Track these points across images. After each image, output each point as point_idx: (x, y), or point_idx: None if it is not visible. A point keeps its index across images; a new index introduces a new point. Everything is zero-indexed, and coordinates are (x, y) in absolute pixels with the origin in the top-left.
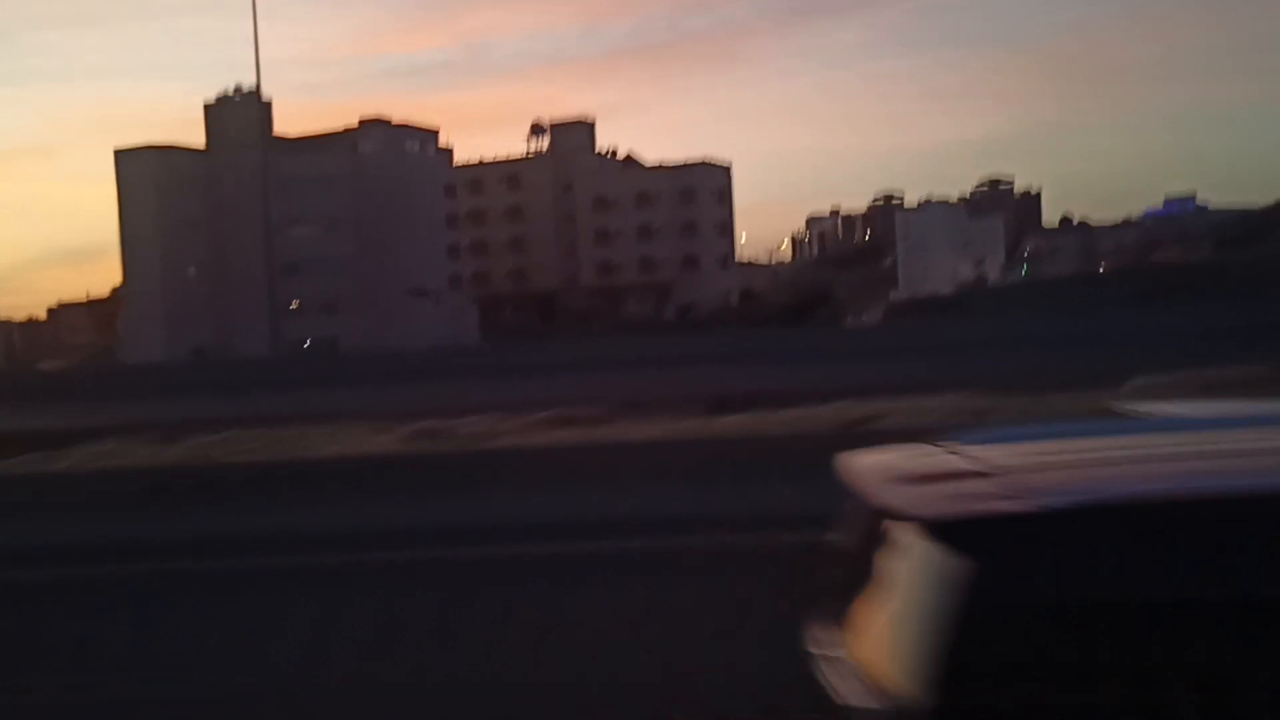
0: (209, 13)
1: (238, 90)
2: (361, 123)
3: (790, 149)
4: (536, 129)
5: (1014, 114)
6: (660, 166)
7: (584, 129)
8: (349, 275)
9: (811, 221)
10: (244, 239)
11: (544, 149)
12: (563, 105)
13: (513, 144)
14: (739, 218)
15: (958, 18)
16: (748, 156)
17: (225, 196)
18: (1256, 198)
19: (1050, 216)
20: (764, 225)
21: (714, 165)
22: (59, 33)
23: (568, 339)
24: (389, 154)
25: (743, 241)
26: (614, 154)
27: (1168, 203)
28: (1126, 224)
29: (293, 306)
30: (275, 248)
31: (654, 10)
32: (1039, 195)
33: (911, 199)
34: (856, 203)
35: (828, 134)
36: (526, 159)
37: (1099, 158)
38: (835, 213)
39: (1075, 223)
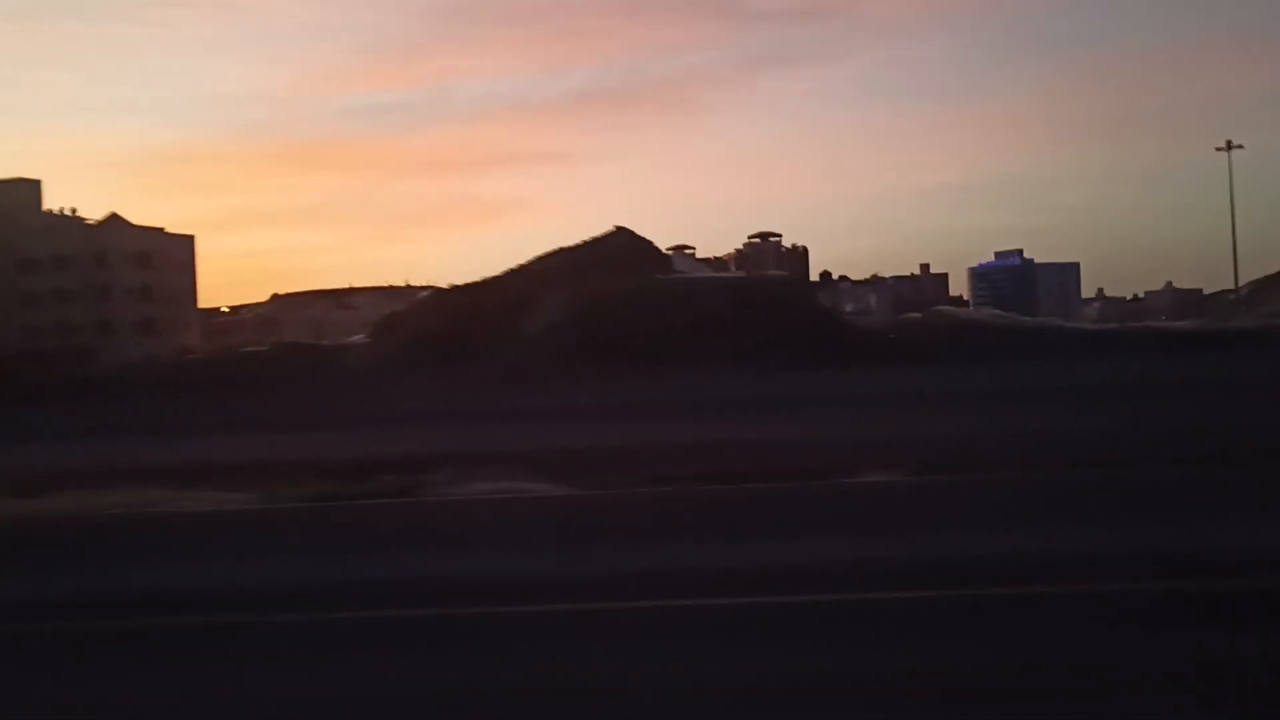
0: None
1: None
2: None
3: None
4: None
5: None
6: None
7: (30, 187)
8: None
9: None
10: None
11: None
12: (523, 147)
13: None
14: None
15: None
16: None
17: None
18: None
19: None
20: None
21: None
22: None
23: None
24: None
25: None
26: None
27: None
28: (875, 280)
29: None
30: None
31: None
32: (805, 250)
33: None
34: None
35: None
36: None
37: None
38: None
39: (835, 278)
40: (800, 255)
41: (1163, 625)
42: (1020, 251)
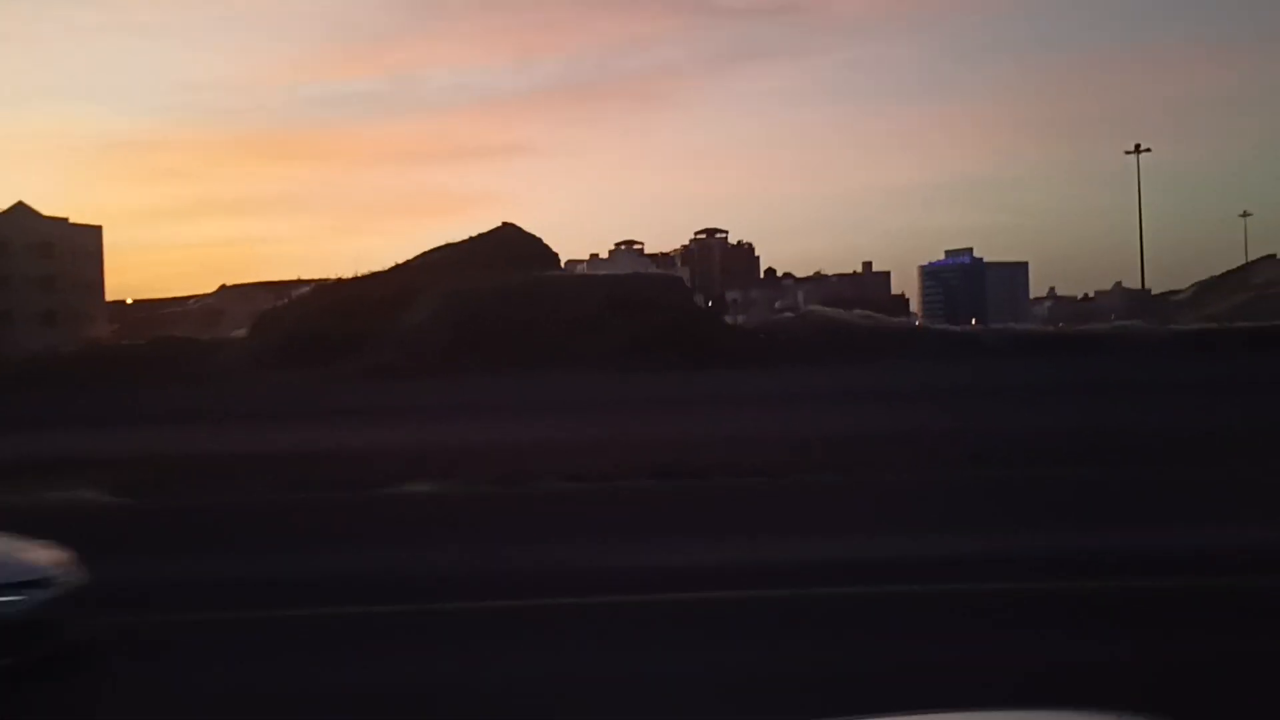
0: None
1: None
2: None
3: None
4: None
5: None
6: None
7: None
8: None
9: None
10: None
11: None
12: (490, 139)
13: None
14: None
15: None
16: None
17: None
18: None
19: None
20: None
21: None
22: None
23: None
24: None
25: None
26: None
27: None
28: (818, 277)
29: None
30: None
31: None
32: (750, 246)
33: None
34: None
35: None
36: None
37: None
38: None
39: (779, 275)
40: (746, 251)
41: (1016, 625)
42: (970, 250)
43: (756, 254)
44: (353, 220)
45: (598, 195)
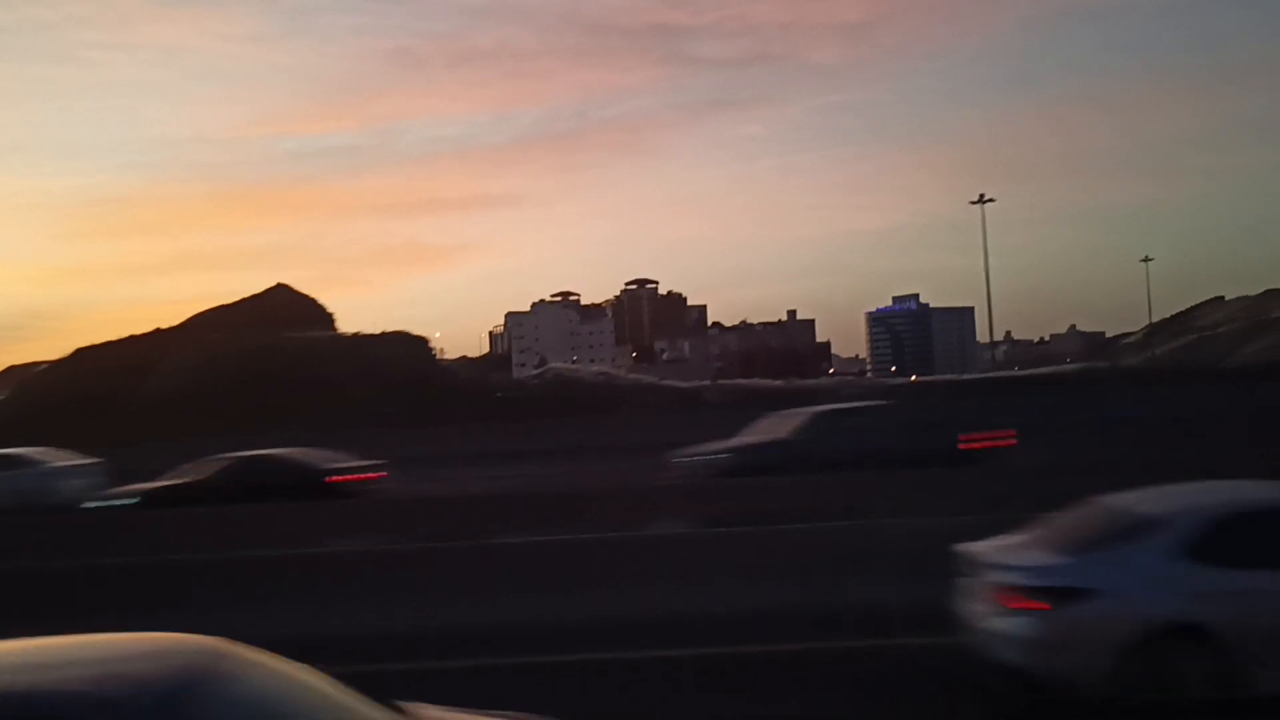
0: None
1: None
2: None
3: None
4: None
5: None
6: None
7: None
8: None
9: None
10: None
11: None
12: (469, 190)
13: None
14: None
15: None
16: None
17: None
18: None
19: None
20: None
21: None
22: None
23: None
24: None
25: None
26: None
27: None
28: (744, 326)
29: None
30: None
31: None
32: (682, 296)
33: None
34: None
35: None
36: None
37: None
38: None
39: (708, 325)
40: (677, 301)
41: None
42: (916, 296)
43: (691, 303)
44: (333, 271)
45: (564, 243)
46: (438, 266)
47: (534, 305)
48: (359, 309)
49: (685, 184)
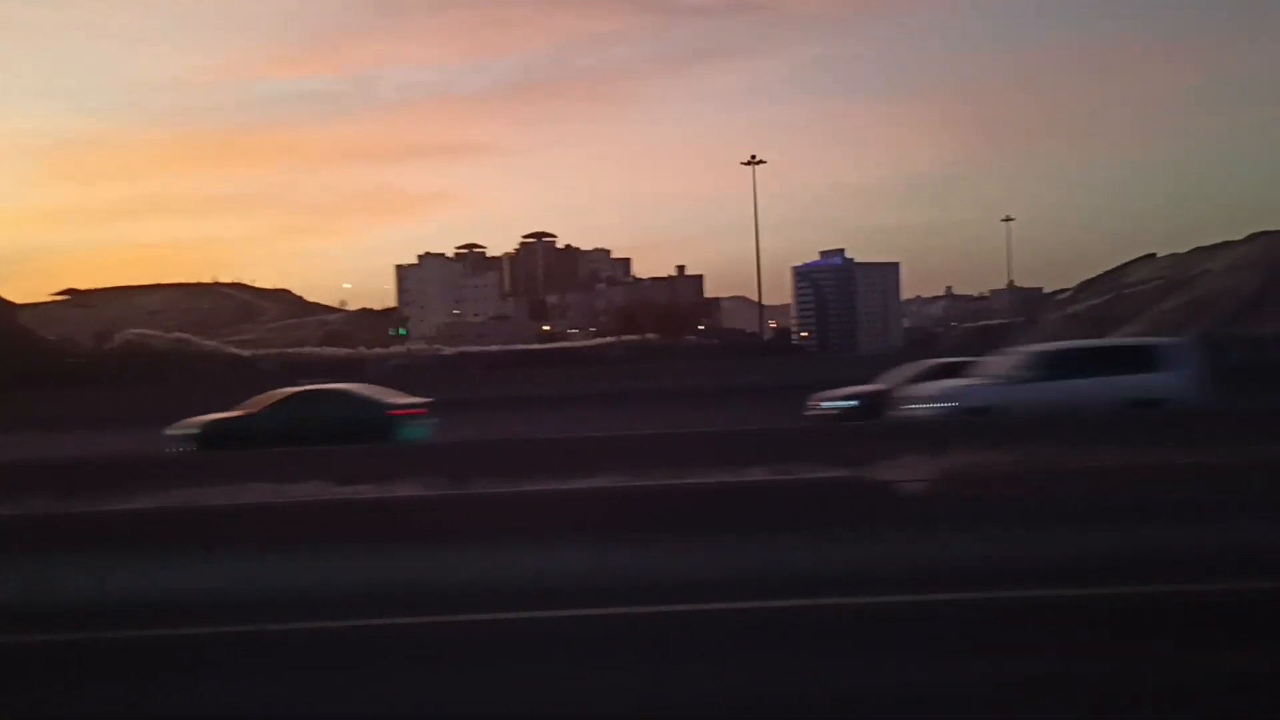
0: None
1: None
2: None
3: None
4: None
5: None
6: None
7: None
8: None
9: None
10: None
11: None
12: (447, 138)
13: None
14: None
15: None
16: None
17: None
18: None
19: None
20: None
21: None
22: None
23: None
24: None
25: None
26: None
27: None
28: (634, 281)
29: None
30: None
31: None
32: (575, 250)
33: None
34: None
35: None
36: None
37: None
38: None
39: (600, 282)
40: (571, 255)
41: None
42: (842, 251)
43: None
44: (306, 220)
45: (540, 193)
46: (412, 215)
47: (420, 257)
48: (328, 257)
49: (660, 135)
